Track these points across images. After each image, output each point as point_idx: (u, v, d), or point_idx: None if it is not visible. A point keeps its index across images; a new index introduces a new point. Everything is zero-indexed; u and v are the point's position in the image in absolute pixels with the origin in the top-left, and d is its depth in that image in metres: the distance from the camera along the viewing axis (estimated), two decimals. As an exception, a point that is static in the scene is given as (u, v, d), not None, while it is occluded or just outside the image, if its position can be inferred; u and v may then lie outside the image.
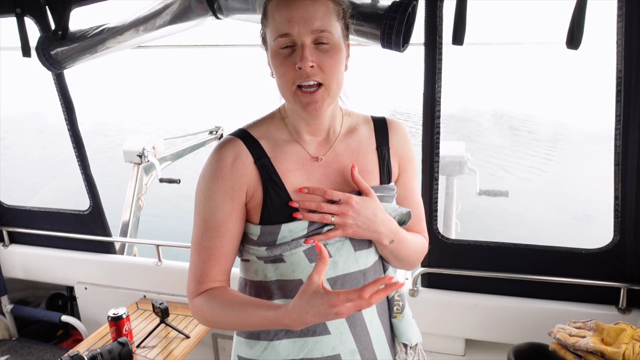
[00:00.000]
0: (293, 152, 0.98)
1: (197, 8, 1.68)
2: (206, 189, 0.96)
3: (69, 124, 2.13)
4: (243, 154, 0.96)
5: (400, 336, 1.11)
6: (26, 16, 1.92)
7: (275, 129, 1.00)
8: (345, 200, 0.94)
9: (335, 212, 0.94)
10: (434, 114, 1.64)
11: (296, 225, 0.95)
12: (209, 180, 0.96)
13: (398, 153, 1.06)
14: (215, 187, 0.95)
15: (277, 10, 0.88)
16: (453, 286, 1.80)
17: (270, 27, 0.89)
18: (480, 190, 2.89)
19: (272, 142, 0.98)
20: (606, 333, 1.29)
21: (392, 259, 1.05)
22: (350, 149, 1.01)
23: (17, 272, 2.49)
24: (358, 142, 1.03)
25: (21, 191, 8.10)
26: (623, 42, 1.41)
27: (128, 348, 1.67)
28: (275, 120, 1.01)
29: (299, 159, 0.98)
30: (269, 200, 0.95)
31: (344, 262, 0.98)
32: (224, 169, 0.95)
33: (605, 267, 1.61)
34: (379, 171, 1.03)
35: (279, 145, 0.98)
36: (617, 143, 1.51)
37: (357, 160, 1.01)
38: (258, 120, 1.02)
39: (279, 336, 0.99)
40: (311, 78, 0.87)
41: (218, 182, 0.95)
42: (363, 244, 1.00)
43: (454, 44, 1.45)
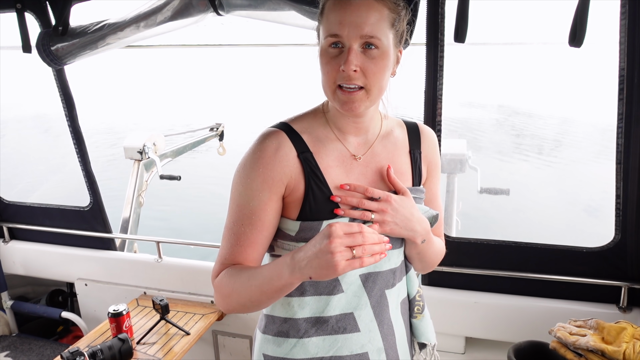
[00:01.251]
0: (334, 149, 0.99)
1: (198, 4, 1.68)
2: (245, 176, 0.95)
3: (70, 120, 2.13)
4: (286, 146, 0.95)
5: (420, 336, 1.14)
6: (27, 12, 1.91)
7: (317, 125, 1.00)
8: (385, 199, 0.96)
9: (375, 210, 0.95)
10: (435, 112, 1.64)
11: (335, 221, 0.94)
12: (249, 168, 0.95)
13: (428, 158, 1.09)
14: (254, 175, 0.94)
15: (332, 10, 0.89)
16: (453, 284, 1.80)
17: (324, 24, 0.91)
18: (481, 188, 2.89)
19: (314, 137, 0.98)
20: (607, 332, 1.29)
21: (418, 260, 1.08)
22: (387, 150, 1.03)
23: (17, 268, 2.49)
24: (394, 144, 1.05)
25: (21, 187, 8.11)
26: (626, 40, 1.41)
27: (128, 344, 1.67)
28: (317, 116, 1.02)
29: (340, 156, 0.99)
30: (310, 195, 0.95)
31: None
32: (266, 158, 0.94)
33: (606, 266, 1.61)
34: (411, 173, 1.06)
35: (321, 141, 0.98)
36: (619, 141, 1.50)
37: (392, 162, 1.03)
38: (300, 114, 1.03)
39: (309, 333, 0.99)
40: (353, 81, 0.88)
41: (259, 171, 0.94)
42: (395, 242, 1.02)
43: (456, 41, 1.44)
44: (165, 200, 7.17)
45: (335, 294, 0.98)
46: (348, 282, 0.98)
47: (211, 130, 3.87)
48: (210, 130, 3.87)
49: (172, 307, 1.97)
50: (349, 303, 0.99)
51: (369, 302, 1.00)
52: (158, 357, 1.72)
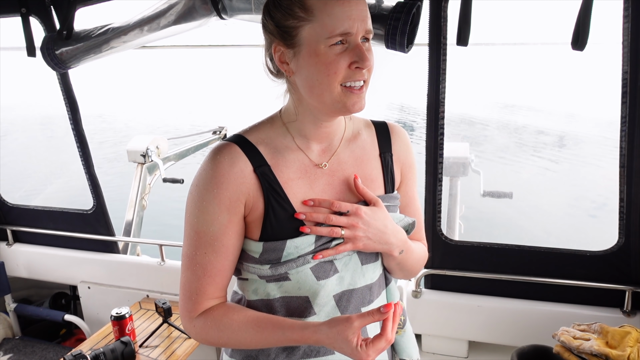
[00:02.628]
0: (295, 160, 0.91)
1: (202, 8, 1.68)
2: (200, 199, 0.87)
3: (73, 124, 2.14)
4: (241, 162, 0.87)
5: (402, 352, 1.07)
6: (31, 16, 1.93)
7: (274, 135, 0.92)
8: (354, 212, 0.89)
9: (344, 225, 0.88)
10: (438, 115, 1.63)
11: (303, 240, 0.88)
12: (203, 190, 0.87)
13: (400, 160, 1.01)
14: (210, 198, 0.86)
15: (335, 4, 0.81)
16: (456, 288, 1.79)
17: (320, 22, 0.81)
18: (484, 191, 2.88)
19: (272, 149, 0.90)
20: (611, 336, 1.28)
21: (398, 270, 1.01)
22: (354, 155, 0.96)
23: (20, 271, 2.50)
24: (362, 148, 0.97)
25: (25, 190, 8.14)
26: (629, 43, 1.40)
27: (131, 347, 1.67)
28: (275, 125, 0.93)
29: (301, 167, 0.91)
30: (271, 213, 0.88)
31: (351, 277, 0.93)
32: (220, 177, 0.86)
33: (610, 270, 1.60)
34: (383, 179, 0.98)
35: (279, 152, 0.90)
36: (622, 145, 1.50)
37: (361, 168, 0.96)
38: (255, 124, 0.94)
39: (279, 358, 0.92)
40: (362, 78, 0.84)
41: (213, 192, 0.86)
42: (370, 257, 0.96)
43: (458, 44, 1.44)
44: (168, 203, 7.18)
45: (307, 316, 0.91)
46: (321, 304, 0.91)
47: (214, 133, 3.88)
48: (213, 133, 3.88)
49: (174, 310, 1.97)
50: None
51: None
52: (160, 360, 1.72)
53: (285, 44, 0.85)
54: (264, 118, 0.95)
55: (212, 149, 0.90)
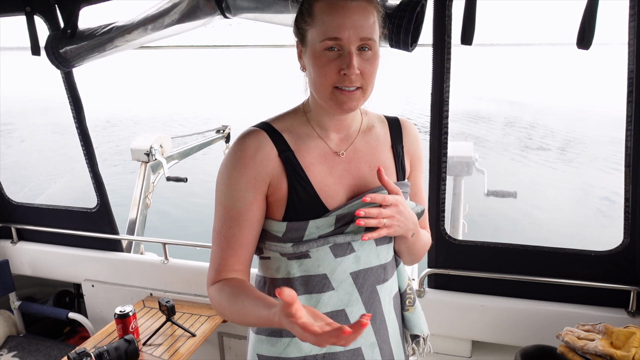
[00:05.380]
0: (316, 147, 0.99)
1: (205, 7, 1.68)
2: (228, 177, 0.96)
3: (77, 122, 2.14)
4: (267, 146, 0.96)
5: (413, 328, 1.15)
6: (36, 15, 1.93)
7: (298, 124, 1.00)
8: (394, 204, 0.94)
9: (387, 217, 0.93)
10: (442, 114, 1.63)
11: (324, 221, 0.96)
12: (231, 169, 0.96)
13: (410, 152, 1.10)
14: (237, 176, 0.95)
15: (328, 13, 0.88)
16: (460, 287, 1.79)
17: (318, 27, 0.89)
18: (488, 191, 2.88)
19: (295, 136, 0.99)
20: (615, 336, 1.27)
21: (406, 253, 1.09)
22: (369, 145, 1.04)
23: (25, 269, 2.51)
24: (376, 139, 1.05)
25: (30, 188, 8.17)
26: (635, 42, 1.40)
27: (134, 345, 1.67)
28: (298, 115, 1.02)
29: (322, 153, 0.99)
30: (294, 195, 0.95)
31: (366, 256, 1.01)
32: (247, 158, 0.95)
33: (614, 270, 1.59)
34: (395, 168, 1.07)
35: (302, 139, 0.99)
36: (627, 144, 1.49)
37: (375, 157, 1.03)
38: (281, 114, 1.03)
39: None
40: (353, 84, 0.90)
41: (241, 171, 0.95)
42: (384, 238, 1.03)
43: (462, 43, 1.44)
44: (171, 202, 7.20)
45: (325, 291, 0.99)
46: (338, 280, 0.99)
47: (218, 132, 3.89)
48: (217, 132, 3.89)
49: (178, 309, 1.97)
50: (340, 300, 1.00)
51: (360, 299, 1.01)
52: (164, 358, 1.72)
53: (300, 42, 0.95)
54: (289, 109, 1.04)
55: (241, 133, 0.98)
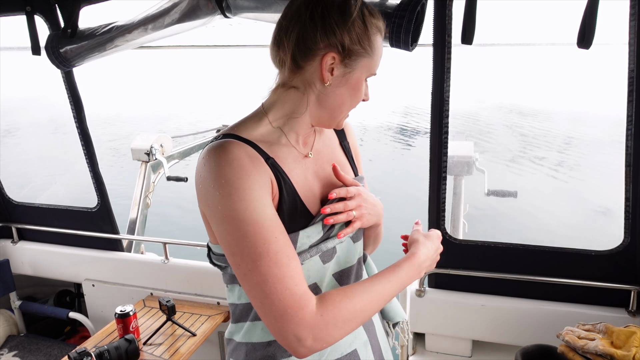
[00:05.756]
0: (288, 152, 0.94)
1: (206, 7, 1.68)
2: (240, 189, 0.80)
3: (78, 122, 2.15)
4: (254, 153, 0.86)
5: (394, 317, 1.17)
6: (36, 14, 1.93)
7: (265, 132, 0.93)
8: (358, 194, 0.97)
9: (354, 207, 0.96)
10: (442, 114, 1.63)
11: (313, 229, 0.92)
12: (238, 181, 0.81)
13: (354, 147, 1.12)
14: (248, 185, 0.81)
15: (381, 50, 0.93)
16: (460, 287, 1.79)
17: (374, 60, 0.93)
18: (488, 190, 2.87)
19: (267, 144, 0.91)
20: (616, 336, 1.27)
21: (372, 242, 1.12)
22: (326, 145, 1.04)
23: (25, 269, 2.51)
24: (329, 138, 1.06)
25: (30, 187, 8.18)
26: (636, 41, 1.39)
27: (135, 345, 1.68)
28: (262, 122, 0.93)
29: (295, 158, 0.95)
30: (283, 203, 0.88)
31: (345, 255, 1.00)
32: (247, 165, 0.83)
33: (615, 269, 1.59)
34: (349, 164, 1.08)
35: (275, 146, 0.92)
36: (628, 144, 1.49)
37: (334, 156, 1.04)
38: (241, 123, 0.94)
39: None
40: None
41: (250, 179, 0.82)
42: (359, 234, 1.04)
43: (463, 43, 1.43)
44: (172, 201, 7.20)
45: None
46: (327, 286, 0.95)
47: (218, 132, 3.88)
48: (217, 132, 3.88)
49: (178, 308, 1.97)
50: None
51: None
52: (164, 358, 1.72)
53: (342, 59, 0.89)
54: (246, 118, 0.95)
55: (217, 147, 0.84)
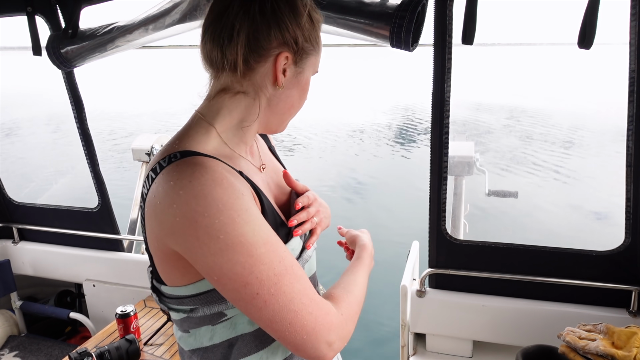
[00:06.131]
0: (247, 166, 0.85)
1: (206, 7, 1.68)
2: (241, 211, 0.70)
3: (79, 122, 2.15)
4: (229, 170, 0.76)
5: None
6: (37, 15, 1.94)
7: (217, 145, 0.81)
8: (314, 199, 0.95)
9: (315, 214, 0.93)
10: (443, 114, 1.63)
11: (295, 242, 0.86)
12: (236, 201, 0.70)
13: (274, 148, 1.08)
14: (246, 202, 0.72)
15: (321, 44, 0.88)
16: (461, 287, 1.78)
17: (319, 56, 0.88)
18: (489, 190, 2.87)
19: (228, 159, 0.79)
20: (617, 336, 1.27)
21: None
22: (264, 152, 0.97)
23: (26, 269, 2.51)
24: (262, 145, 0.99)
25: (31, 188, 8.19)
26: (636, 41, 1.39)
27: (135, 345, 1.68)
28: (212, 136, 0.81)
29: (254, 171, 0.87)
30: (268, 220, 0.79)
31: (310, 262, 0.95)
32: (233, 183, 0.72)
33: (616, 270, 1.59)
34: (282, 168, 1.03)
35: (235, 161, 0.82)
36: (629, 144, 1.48)
37: (273, 163, 0.98)
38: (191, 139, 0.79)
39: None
40: None
41: (244, 197, 0.72)
42: None
43: (463, 43, 1.43)
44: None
45: None
46: None
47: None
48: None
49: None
50: None
51: None
52: (165, 358, 1.72)
53: (295, 59, 0.82)
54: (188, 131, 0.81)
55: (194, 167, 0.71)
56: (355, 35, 1.45)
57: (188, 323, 0.83)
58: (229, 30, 0.78)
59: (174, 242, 0.72)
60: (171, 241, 0.72)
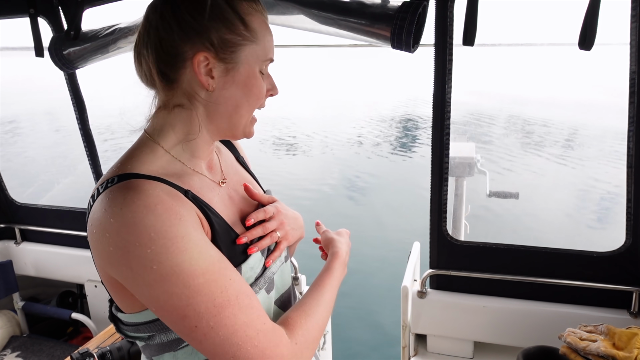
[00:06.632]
0: (200, 182, 0.81)
1: (208, 8, 1.69)
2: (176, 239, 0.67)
3: (81, 123, 2.16)
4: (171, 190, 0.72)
5: None
6: (39, 16, 1.94)
7: (165, 164, 0.78)
8: (277, 211, 0.90)
9: (277, 228, 0.88)
10: (443, 115, 1.63)
11: (254, 259, 0.82)
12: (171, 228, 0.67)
13: (246, 160, 1.04)
14: (184, 229, 0.68)
15: (268, 31, 0.81)
16: (462, 288, 1.79)
17: (260, 44, 0.79)
18: (490, 191, 2.87)
19: (175, 177, 0.76)
20: (618, 337, 1.27)
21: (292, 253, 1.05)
22: (229, 165, 0.93)
23: (28, 270, 2.52)
24: (227, 157, 0.96)
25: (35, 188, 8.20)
26: (637, 42, 1.39)
27: (137, 346, 1.68)
28: (158, 153, 0.78)
29: (209, 187, 0.83)
30: (218, 239, 0.76)
31: (282, 279, 0.91)
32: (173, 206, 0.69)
33: (617, 271, 1.59)
34: (254, 180, 1.00)
35: (184, 178, 0.78)
36: (630, 145, 1.49)
37: (239, 175, 0.95)
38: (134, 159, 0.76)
39: None
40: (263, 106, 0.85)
41: (182, 221, 0.68)
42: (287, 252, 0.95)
43: (464, 44, 1.43)
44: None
45: None
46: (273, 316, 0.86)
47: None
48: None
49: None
50: None
51: None
52: (166, 358, 1.72)
53: (217, 55, 0.76)
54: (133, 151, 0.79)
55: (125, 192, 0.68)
56: (356, 37, 1.45)
57: (149, 350, 0.81)
58: (140, 45, 0.78)
59: (112, 271, 0.70)
60: (110, 270, 0.70)
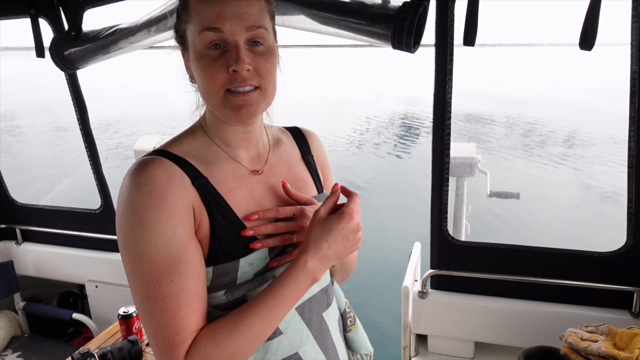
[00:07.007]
0: (229, 169, 0.83)
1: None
2: (143, 222, 0.72)
3: (81, 123, 2.16)
4: (177, 174, 0.76)
5: (359, 348, 1.03)
6: (40, 17, 1.95)
7: (200, 146, 0.83)
8: (300, 214, 0.85)
9: (294, 229, 0.84)
10: (444, 115, 1.63)
11: (256, 256, 0.81)
12: (144, 210, 0.72)
13: (320, 160, 1.01)
14: (156, 216, 0.72)
15: (204, 2, 0.76)
16: (463, 288, 1.79)
17: (195, 22, 0.77)
18: (490, 192, 2.87)
19: (202, 160, 0.81)
20: (619, 338, 1.27)
21: (339, 269, 1.00)
22: (282, 160, 0.93)
23: (29, 270, 2.52)
24: (286, 152, 0.95)
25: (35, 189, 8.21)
26: (638, 42, 1.39)
27: (138, 346, 1.68)
28: (198, 136, 0.85)
29: (238, 176, 0.84)
30: (218, 230, 0.78)
31: None
32: (161, 191, 0.73)
33: (618, 271, 1.59)
34: (312, 180, 0.97)
35: (212, 163, 0.81)
36: (630, 145, 1.49)
37: (292, 171, 0.93)
38: (175, 138, 0.85)
39: None
40: (247, 82, 0.77)
41: (159, 209, 0.73)
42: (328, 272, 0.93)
43: (465, 44, 1.44)
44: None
45: (273, 338, 0.82)
46: (285, 321, 0.84)
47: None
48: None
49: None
50: (291, 344, 0.84)
51: (311, 334, 0.87)
52: (167, 359, 1.72)
53: (183, 48, 0.83)
54: (183, 131, 0.87)
55: (136, 165, 0.76)
56: (356, 37, 1.46)
57: None
58: None
59: None
60: None
